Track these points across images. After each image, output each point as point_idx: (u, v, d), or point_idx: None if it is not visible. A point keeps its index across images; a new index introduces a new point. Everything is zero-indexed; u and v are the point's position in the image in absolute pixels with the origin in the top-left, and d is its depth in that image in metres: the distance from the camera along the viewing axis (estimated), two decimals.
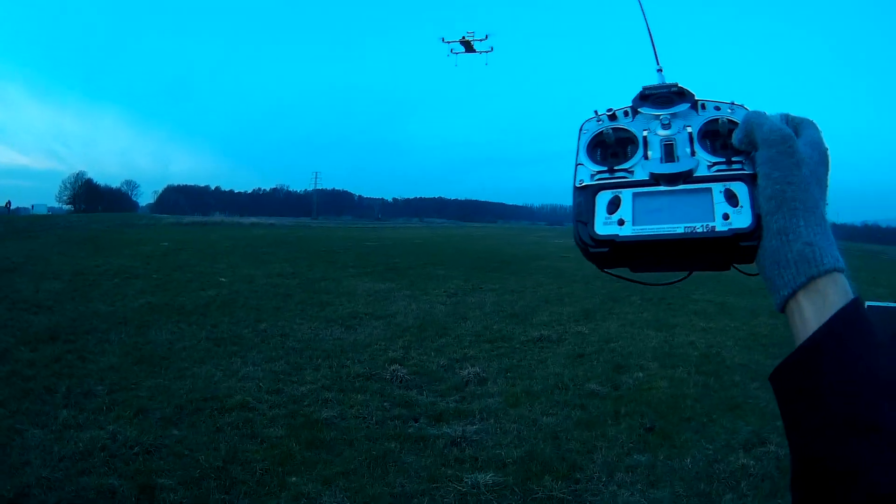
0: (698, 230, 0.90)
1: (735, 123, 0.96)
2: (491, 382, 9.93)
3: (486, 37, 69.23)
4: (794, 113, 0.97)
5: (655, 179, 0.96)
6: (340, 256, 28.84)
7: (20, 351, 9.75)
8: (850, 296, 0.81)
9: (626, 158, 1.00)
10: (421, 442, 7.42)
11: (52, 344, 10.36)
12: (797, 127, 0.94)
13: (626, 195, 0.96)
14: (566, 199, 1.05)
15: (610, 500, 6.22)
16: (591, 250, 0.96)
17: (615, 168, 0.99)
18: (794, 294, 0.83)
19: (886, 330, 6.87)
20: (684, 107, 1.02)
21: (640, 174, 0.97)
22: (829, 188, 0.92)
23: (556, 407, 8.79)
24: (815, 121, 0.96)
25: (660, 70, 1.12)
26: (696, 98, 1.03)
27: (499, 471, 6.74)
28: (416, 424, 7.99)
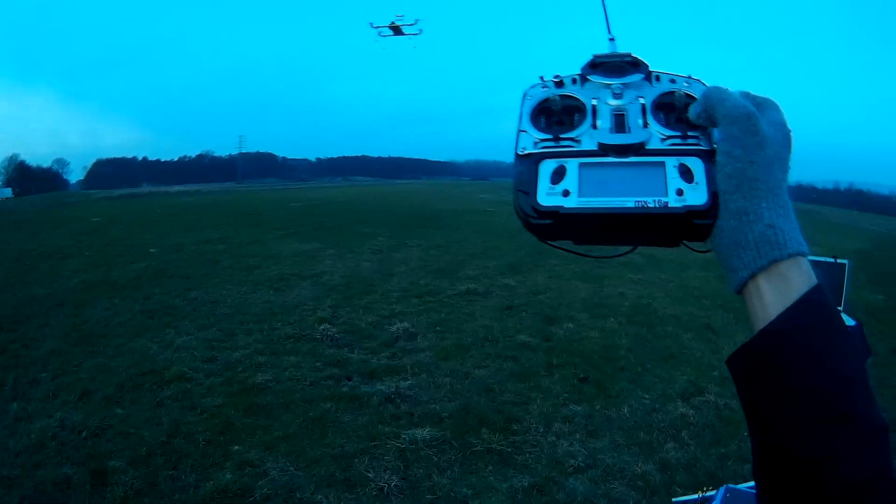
0: (650, 205, 0.85)
1: (692, 97, 0.91)
2: (421, 337, 9.95)
3: (416, 21, 68.32)
4: (755, 91, 0.89)
5: (604, 150, 0.90)
6: (266, 219, 28.48)
7: None
8: (814, 281, 0.78)
9: (573, 127, 0.94)
10: (356, 401, 7.44)
11: None
12: (759, 106, 0.87)
13: (571, 165, 0.90)
14: (489, 155, 0.99)
15: (549, 450, 6.27)
16: (533, 221, 0.90)
17: (561, 136, 0.93)
18: (753, 276, 0.79)
19: (824, 279, 7.13)
20: (637, 77, 0.96)
21: (588, 144, 0.91)
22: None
23: (488, 359, 8.87)
24: (777, 101, 0.90)
25: (612, 39, 1.04)
26: (651, 69, 0.96)
27: (435, 425, 6.79)
28: (350, 383, 7.99)
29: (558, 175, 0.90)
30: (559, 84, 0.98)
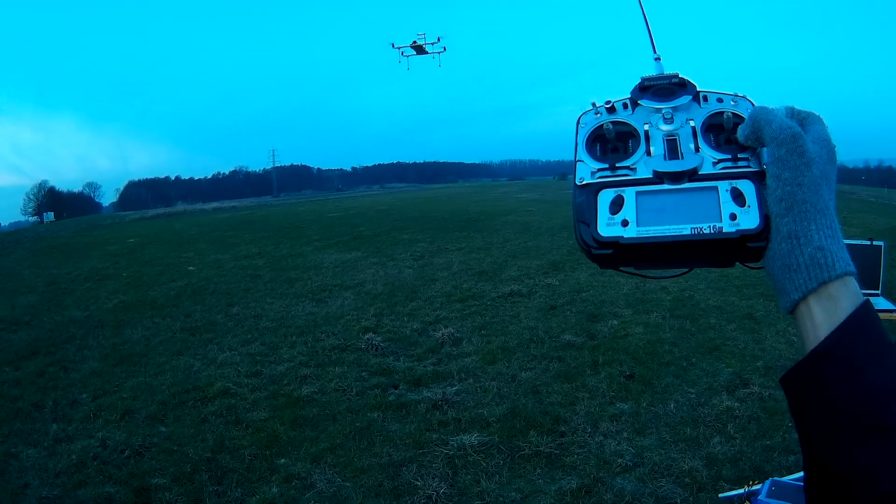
0: (705, 231, 0.86)
1: (739, 117, 0.91)
2: (466, 342, 9.91)
3: (438, 39, 68.45)
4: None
5: (659, 177, 0.92)
6: (304, 231, 28.60)
7: (4, 372, 9.53)
8: (861, 299, 0.78)
9: (628, 154, 0.95)
10: (403, 409, 7.40)
11: (34, 359, 10.16)
12: (803, 121, 0.90)
13: (629, 194, 0.92)
14: (525, 154, 0.96)
15: (597, 450, 6.20)
16: (595, 252, 0.92)
17: (617, 165, 0.94)
18: (804, 298, 0.80)
19: (855, 263, 7.01)
20: (686, 99, 0.96)
21: (643, 171, 0.92)
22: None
23: (534, 361, 8.78)
24: (821, 115, 0.91)
25: (657, 59, 1.05)
26: (698, 89, 0.97)
27: (483, 430, 6.74)
28: (396, 391, 7.95)
29: (617, 205, 0.91)
30: (611, 110, 0.99)
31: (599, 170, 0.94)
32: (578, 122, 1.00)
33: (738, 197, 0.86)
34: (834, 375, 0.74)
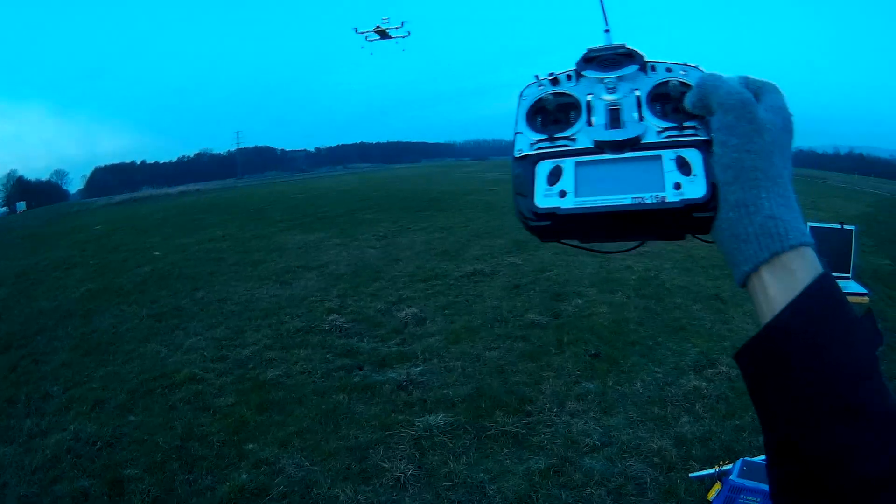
0: (647, 201, 0.83)
1: (687, 86, 0.88)
2: (430, 322, 9.99)
3: (402, 24, 67.45)
4: (754, 75, 0.85)
5: (600, 147, 0.88)
6: (268, 213, 28.39)
7: None
8: (820, 269, 0.75)
9: (569, 125, 0.92)
10: (368, 390, 7.47)
11: (6, 353, 10.08)
12: (757, 91, 0.85)
13: (567, 164, 0.89)
14: (489, 134, 0.96)
15: (564, 430, 6.28)
16: (532, 224, 0.89)
17: (556, 136, 0.92)
18: (756, 270, 0.76)
19: (826, 247, 7.11)
20: (632, 69, 0.93)
21: (584, 141, 0.90)
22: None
23: (498, 340, 8.88)
24: (777, 84, 0.86)
25: (607, 31, 1.01)
26: (646, 59, 0.93)
27: (449, 410, 6.82)
28: (361, 373, 8.02)
29: (555, 176, 0.89)
30: (554, 82, 0.97)
31: (538, 141, 0.92)
32: (521, 95, 0.98)
33: (683, 166, 0.84)
34: (795, 352, 0.71)
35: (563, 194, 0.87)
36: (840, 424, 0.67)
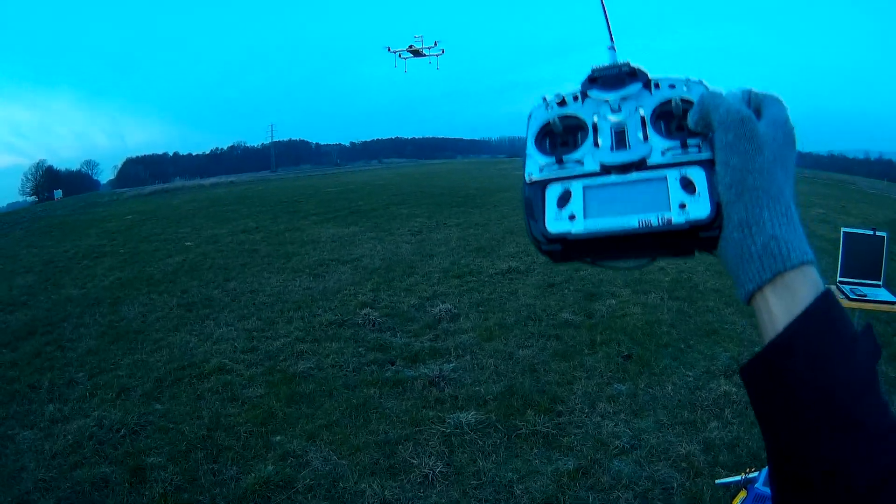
0: (653, 223, 0.84)
1: (689, 103, 0.89)
2: (463, 318, 9.93)
3: (435, 43, 67.62)
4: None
5: (607, 169, 0.90)
6: (302, 206, 28.52)
7: (1, 354, 9.53)
8: (821, 288, 0.76)
9: (576, 147, 0.94)
10: (399, 385, 7.43)
11: (31, 339, 10.16)
12: (760, 104, 0.87)
13: (576, 188, 0.90)
14: (524, 131, 0.98)
15: (594, 431, 6.22)
16: (544, 248, 0.91)
17: (564, 159, 0.93)
18: (759, 289, 0.78)
19: (858, 253, 6.99)
20: (636, 87, 0.94)
21: (591, 164, 0.91)
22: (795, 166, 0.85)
23: (531, 339, 8.81)
24: (780, 96, 0.88)
25: (612, 48, 1.02)
26: (649, 77, 0.95)
27: (480, 408, 6.77)
28: (393, 368, 7.98)
29: (564, 200, 0.91)
30: (561, 103, 0.98)
31: (547, 164, 0.94)
32: (529, 117, 1.00)
33: (687, 185, 0.85)
34: (796, 368, 0.73)
35: (572, 218, 0.89)
36: (839, 437, 0.70)
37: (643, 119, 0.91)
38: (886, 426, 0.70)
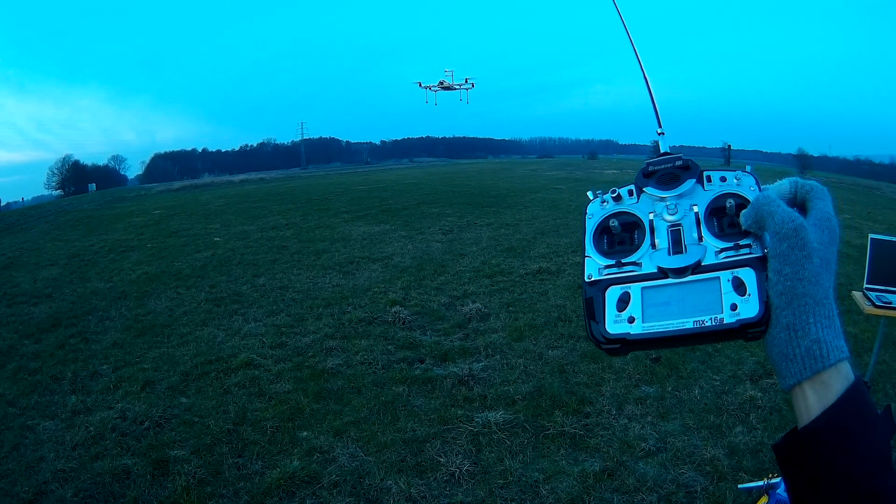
0: (707, 324, 0.89)
1: (742, 199, 0.94)
2: (493, 318, 9.93)
3: (466, 80, 67.59)
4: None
5: (664, 273, 0.94)
6: (332, 203, 28.58)
7: (24, 345, 9.65)
8: (851, 379, 0.83)
9: (633, 245, 0.99)
10: (428, 384, 7.45)
11: (54, 331, 10.28)
12: (805, 197, 0.94)
13: (635, 290, 0.95)
14: (554, 132, 0.93)
15: (621, 433, 6.24)
16: (604, 347, 0.95)
17: (623, 262, 0.98)
18: (799, 384, 0.85)
19: (888, 260, 6.91)
20: (689, 183, 0.99)
21: (649, 266, 0.96)
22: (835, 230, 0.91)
23: (561, 339, 8.81)
24: (825, 189, 0.94)
25: (661, 133, 1.07)
26: (701, 169, 1.00)
27: (509, 408, 6.78)
28: (423, 366, 8.00)
29: (623, 302, 0.95)
30: (617, 199, 1.03)
31: (606, 266, 0.98)
32: (586, 214, 1.04)
33: (739, 286, 0.89)
34: (825, 450, 0.80)
35: (631, 320, 0.93)
36: None
37: (698, 217, 0.96)
38: None
